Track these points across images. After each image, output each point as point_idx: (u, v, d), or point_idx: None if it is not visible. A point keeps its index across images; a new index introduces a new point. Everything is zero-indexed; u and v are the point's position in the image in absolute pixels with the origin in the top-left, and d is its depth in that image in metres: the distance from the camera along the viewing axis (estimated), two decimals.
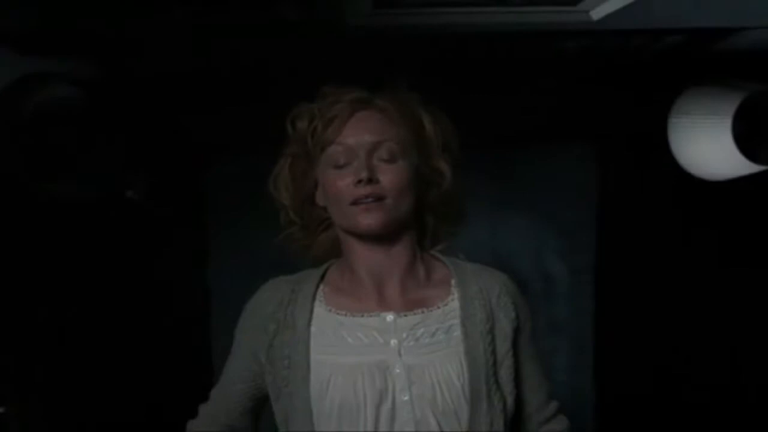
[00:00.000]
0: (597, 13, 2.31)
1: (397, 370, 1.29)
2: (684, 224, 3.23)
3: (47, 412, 3.27)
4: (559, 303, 3.15)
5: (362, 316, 1.36)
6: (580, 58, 2.94)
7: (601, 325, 3.19)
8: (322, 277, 1.48)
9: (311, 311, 1.39)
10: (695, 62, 2.91)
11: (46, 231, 3.26)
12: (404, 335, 1.33)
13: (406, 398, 1.27)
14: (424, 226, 1.50)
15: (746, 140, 2.79)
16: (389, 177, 1.37)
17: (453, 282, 1.43)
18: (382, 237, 1.40)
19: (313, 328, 1.36)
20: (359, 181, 1.35)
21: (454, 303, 1.38)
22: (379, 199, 1.35)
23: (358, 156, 1.37)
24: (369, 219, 1.35)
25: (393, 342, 1.32)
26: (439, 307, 1.38)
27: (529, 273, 3.15)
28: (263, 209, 3.15)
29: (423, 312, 1.36)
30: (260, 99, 3.15)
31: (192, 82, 2.99)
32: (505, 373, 1.36)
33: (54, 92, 2.81)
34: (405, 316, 1.35)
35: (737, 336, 3.24)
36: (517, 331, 1.42)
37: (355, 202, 1.36)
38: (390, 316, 1.35)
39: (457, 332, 1.34)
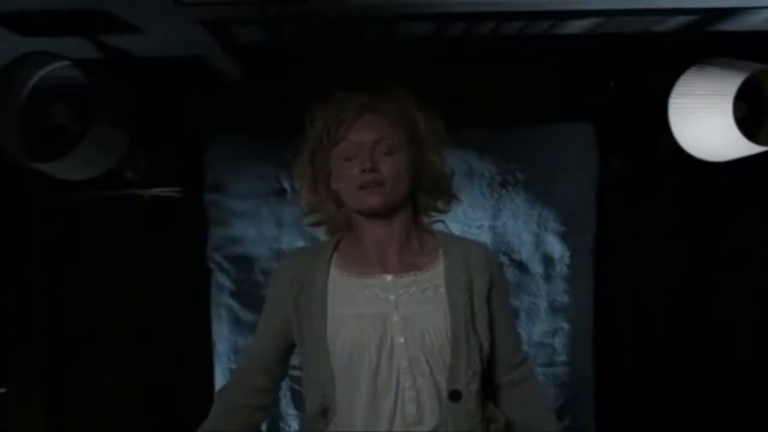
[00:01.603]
0: None
1: (395, 319, 1.64)
2: (684, 205, 3.23)
3: (47, 393, 3.30)
4: (559, 284, 3.16)
5: (367, 277, 1.70)
6: (582, 37, 2.93)
7: (600, 306, 3.19)
8: (335, 247, 1.79)
9: (327, 274, 1.72)
10: (696, 42, 2.91)
11: (46, 214, 3.27)
12: (400, 292, 1.67)
13: (402, 341, 1.62)
14: (418, 206, 1.81)
15: (747, 121, 2.79)
16: (388, 167, 1.68)
17: (440, 251, 1.76)
18: (383, 214, 1.72)
19: (329, 287, 1.69)
20: (364, 170, 1.66)
21: (440, 267, 1.72)
22: (380, 184, 1.67)
23: (363, 150, 1.68)
24: (372, 200, 1.68)
25: (391, 297, 1.67)
26: (428, 270, 1.72)
27: (529, 254, 3.16)
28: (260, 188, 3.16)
29: (416, 274, 1.71)
30: (255, 81, 3.17)
31: (190, 64, 2.99)
32: (481, 322, 1.69)
33: (53, 72, 2.81)
34: (401, 277, 1.69)
35: (736, 317, 3.25)
36: (490, 289, 1.73)
37: (361, 187, 1.67)
38: (389, 277, 1.69)
39: (442, 290, 1.68)
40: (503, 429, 1.74)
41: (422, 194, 1.81)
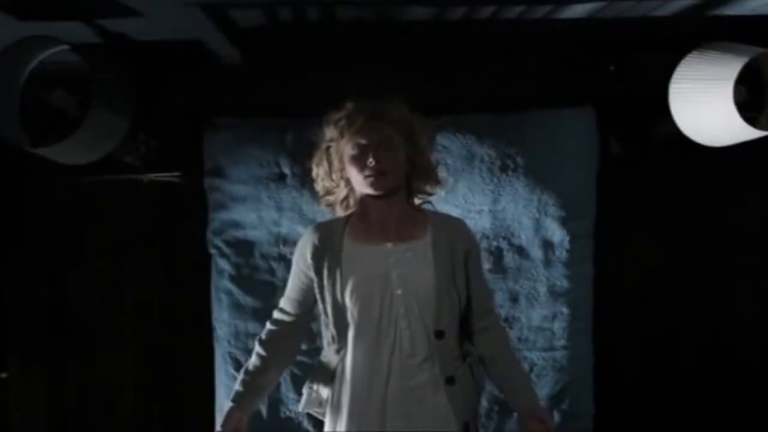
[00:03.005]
0: None
1: (394, 276, 2.10)
2: (684, 190, 3.23)
3: (48, 378, 3.31)
4: (558, 268, 3.16)
5: (372, 245, 2.16)
6: (582, 22, 2.92)
7: (600, 291, 3.20)
8: (347, 221, 2.24)
9: (341, 243, 2.17)
10: (697, 26, 2.90)
11: (46, 199, 3.27)
12: (398, 256, 2.13)
13: (399, 293, 2.09)
14: (411, 189, 2.27)
15: (747, 105, 2.79)
16: (388, 160, 2.13)
17: (429, 225, 2.21)
18: (385, 196, 2.17)
19: (342, 254, 2.14)
20: (370, 163, 2.11)
21: (428, 237, 2.17)
22: (382, 173, 2.12)
23: (369, 147, 2.13)
24: (376, 185, 2.13)
25: (391, 260, 2.12)
26: (419, 240, 2.17)
27: (529, 239, 3.16)
28: (260, 173, 3.17)
29: (410, 242, 2.16)
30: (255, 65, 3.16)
31: (189, 48, 2.99)
32: (459, 279, 2.16)
33: (52, 57, 2.80)
34: (398, 245, 2.15)
35: (736, 301, 3.27)
36: (467, 254, 2.20)
37: (368, 175, 2.12)
38: (389, 245, 2.15)
39: (430, 254, 2.14)
40: (476, 361, 2.23)
41: (414, 180, 2.25)
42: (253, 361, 2.21)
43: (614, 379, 3.21)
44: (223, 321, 3.16)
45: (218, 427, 2.15)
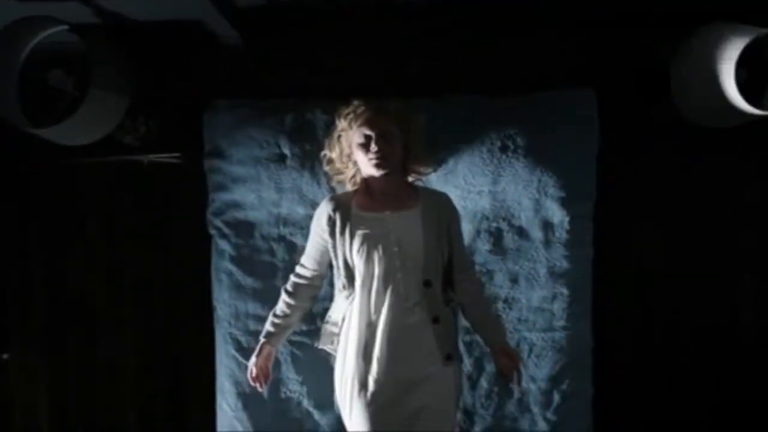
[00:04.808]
0: None
1: (392, 238, 2.57)
2: (684, 171, 3.22)
3: (49, 359, 3.32)
4: (558, 249, 3.16)
5: (375, 213, 2.61)
6: (583, 2, 2.91)
7: (599, 272, 3.21)
8: (354, 195, 2.70)
9: (350, 212, 2.64)
10: (699, 6, 2.88)
11: (45, 180, 3.27)
12: (395, 222, 2.59)
13: (396, 250, 2.56)
14: (407, 170, 2.71)
15: (749, 86, 2.77)
16: (388, 148, 2.58)
17: (420, 198, 2.68)
18: (385, 175, 2.61)
19: (351, 220, 2.62)
20: (373, 149, 2.56)
21: (419, 208, 2.64)
22: (384, 158, 2.57)
23: (373, 137, 2.57)
24: (378, 167, 2.58)
25: (390, 225, 2.59)
26: (412, 209, 2.63)
27: (529, 220, 3.16)
28: (260, 154, 3.16)
29: (405, 211, 2.62)
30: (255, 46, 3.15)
31: (189, 29, 2.98)
32: (442, 241, 2.64)
33: (51, 37, 2.79)
34: (395, 213, 2.61)
35: (735, 283, 3.27)
36: (450, 221, 2.69)
37: (371, 159, 2.57)
38: (388, 213, 2.61)
39: (420, 221, 2.61)
40: (456, 306, 2.71)
41: (409, 163, 2.70)
42: (280, 306, 2.73)
43: (613, 360, 3.22)
44: (223, 302, 3.17)
45: (250, 370, 2.67)
